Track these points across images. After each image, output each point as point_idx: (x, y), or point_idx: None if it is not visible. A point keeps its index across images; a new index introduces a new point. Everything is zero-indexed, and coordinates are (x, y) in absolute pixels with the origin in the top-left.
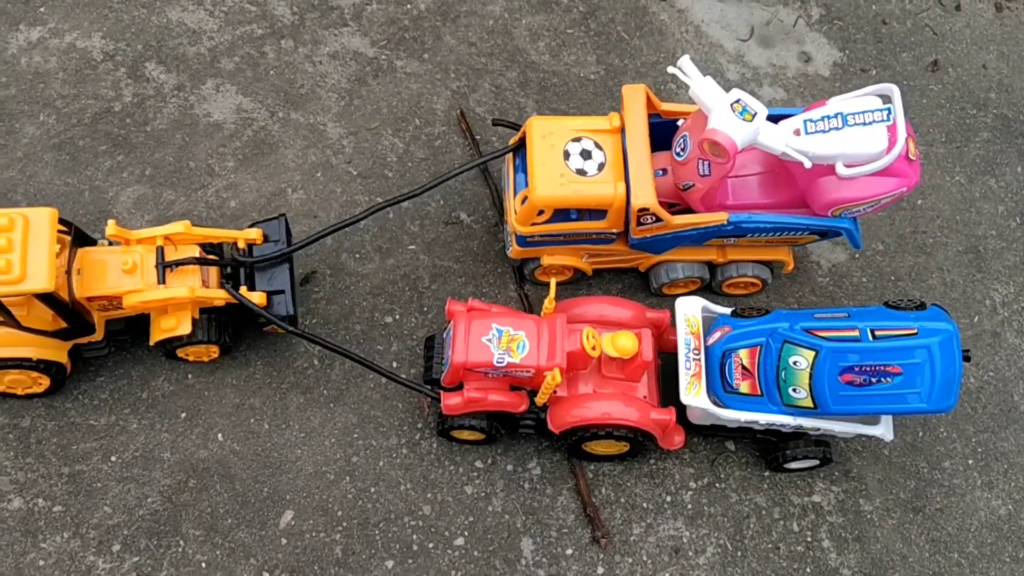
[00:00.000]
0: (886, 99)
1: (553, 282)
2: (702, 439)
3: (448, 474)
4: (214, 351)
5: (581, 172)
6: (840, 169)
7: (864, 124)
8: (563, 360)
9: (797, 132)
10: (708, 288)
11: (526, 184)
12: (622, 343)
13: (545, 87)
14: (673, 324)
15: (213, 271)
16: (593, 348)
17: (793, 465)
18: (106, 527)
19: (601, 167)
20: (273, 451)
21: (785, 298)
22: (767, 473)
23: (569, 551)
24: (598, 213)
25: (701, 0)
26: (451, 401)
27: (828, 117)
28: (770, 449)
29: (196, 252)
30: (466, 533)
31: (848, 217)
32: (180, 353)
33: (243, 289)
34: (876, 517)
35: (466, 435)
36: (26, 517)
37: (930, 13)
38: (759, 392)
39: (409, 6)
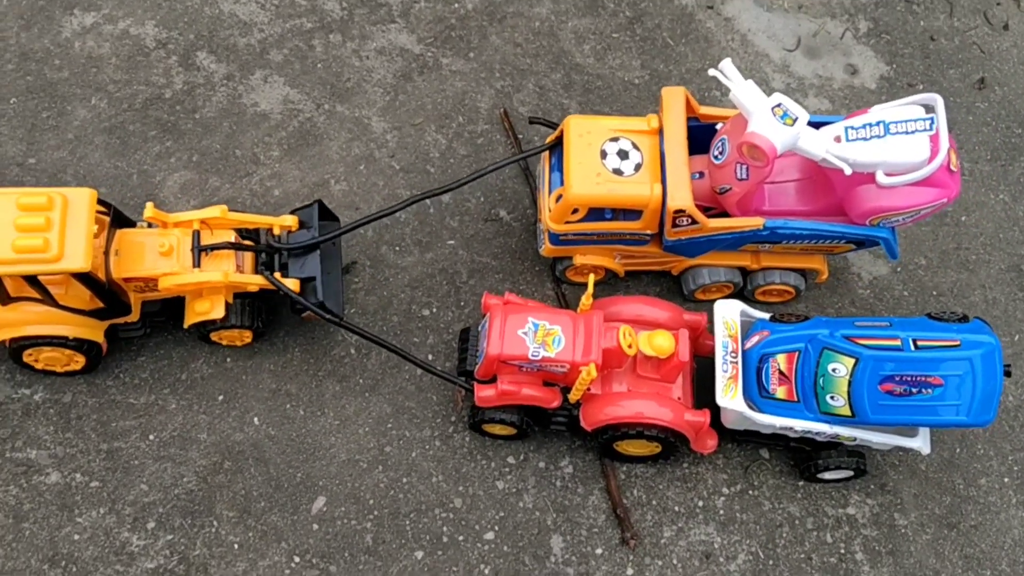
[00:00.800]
0: (929, 109)
1: (591, 278)
2: (736, 445)
3: (480, 468)
4: (247, 336)
5: (617, 172)
6: (880, 177)
7: (907, 133)
8: (598, 356)
9: (838, 139)
10: (740, 295)
11: (561, 183)
12: (659, 342)
13: (589, 89)
14: (710, 328)
15: (248, 256)
16: (629, 346)
17: (827, 475)
18: (142, 504)
19: (638, 167)
20: (307, 437)
21: (824, 308)
22: (801, 483)
23: (599, 551)
24: (633, 213)
25: (748, 9)
26: (484, 393)
27: (870, 125)
28: (804, 458)
29: (231, 237)
30: (496, 528)
31: (886, 227)
32: (214, 336)
33: (277, 275)
34: (910, 532)
35: (497, 429)
36: (63, 491)
37: (978, 31)
38: (796, 398)
39: (456, 5)
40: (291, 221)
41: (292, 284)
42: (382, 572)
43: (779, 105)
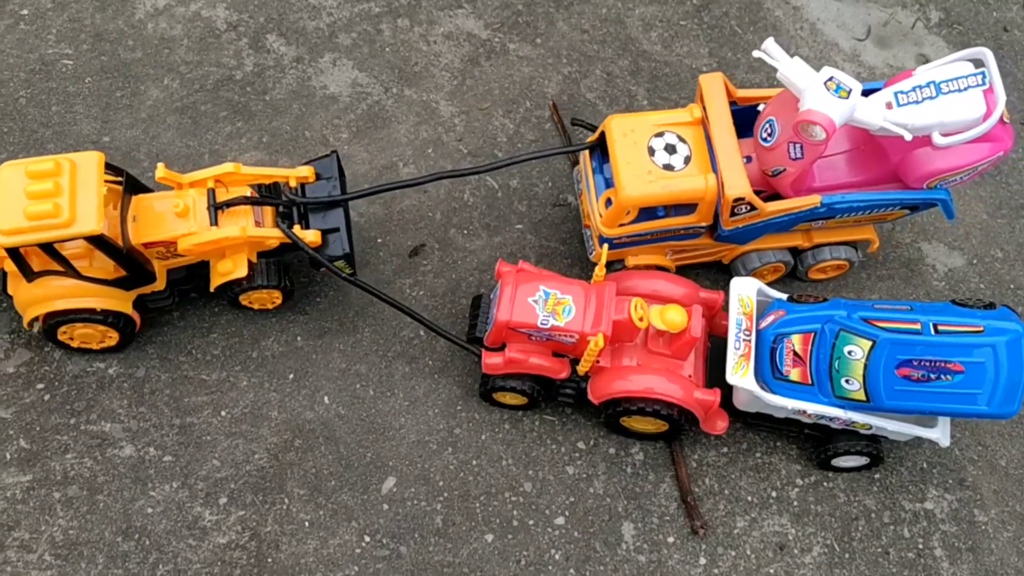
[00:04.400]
0: (978, 63)
1: (605, 248)
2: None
3: (550, 453)
4: (277, 297)
5: (668, 167)
6: (937, 139)
7: (960, 91)
8: (608, 328)
9: (889, 105)
10: (793, 275)
11: (606, 185)
12: (671, 317)
13: (656, 76)
14: (726, 307)
15: (268, 211)
16: (641, 319)
17: (841, 463)
18: (214, 480)
19: (687, 160)
20: (377, 417)
21: (899, 300)
22: (877, 475)
23: (671, 539)
24: (687, 208)
25: None
26: (492, 360)
27: (920, 87)
28: (818, 443)
29: (247, 193)
30: (566, 513)
31: (943, 188)
32: (243, 300)
33: (297, 228)
34: (991, 529)
35: (508, 398)
36: (137, 465)
37: None
38: (810, 381)
39: None
40: (307, 172)
41: (313, 236)
42: (452, 554)
43: (831, 79)
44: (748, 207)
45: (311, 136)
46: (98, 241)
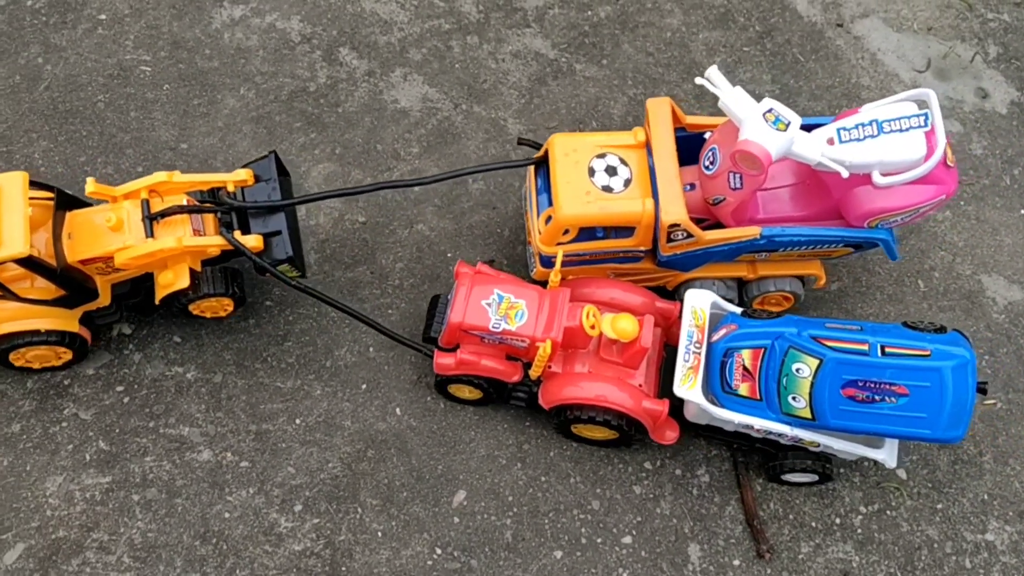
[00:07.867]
0: (922, 105)
1: (560, 253)
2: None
3: (617, 472)
4: (228, 304)
5: (607, 189)
6: (877, 178)
7: (901, 131)
8: (559, 334)
9: (831, 141)
10: (740, 307)
11: (549, 204)
12: (622, 325)
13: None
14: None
15: (209, 219)
16: (592, 327)
17: (791, 478)
18: (289, 487)
19: (627, 183)
20: (448, 430)
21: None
22: (940, 505)
23: (736, 562)
24: (626, 231)
25: (878, 28)
26: (443, 360)
27: (862, 124)
28: (768, 458)
29: (183, 201)
30: (634, 532)
31: (885, 228)
32: (193, 310)
33: (237, 233)
34: None
35: (465, 392)
36: (214, 469)
37: None
38: (758, 396)
39: (590, 13)
40: (245, 175)
41: (254, 241)
42: (522, 569)
43: (771, 110)
44: (685, 234)
45: (383, 149)
46: (28, 263)
